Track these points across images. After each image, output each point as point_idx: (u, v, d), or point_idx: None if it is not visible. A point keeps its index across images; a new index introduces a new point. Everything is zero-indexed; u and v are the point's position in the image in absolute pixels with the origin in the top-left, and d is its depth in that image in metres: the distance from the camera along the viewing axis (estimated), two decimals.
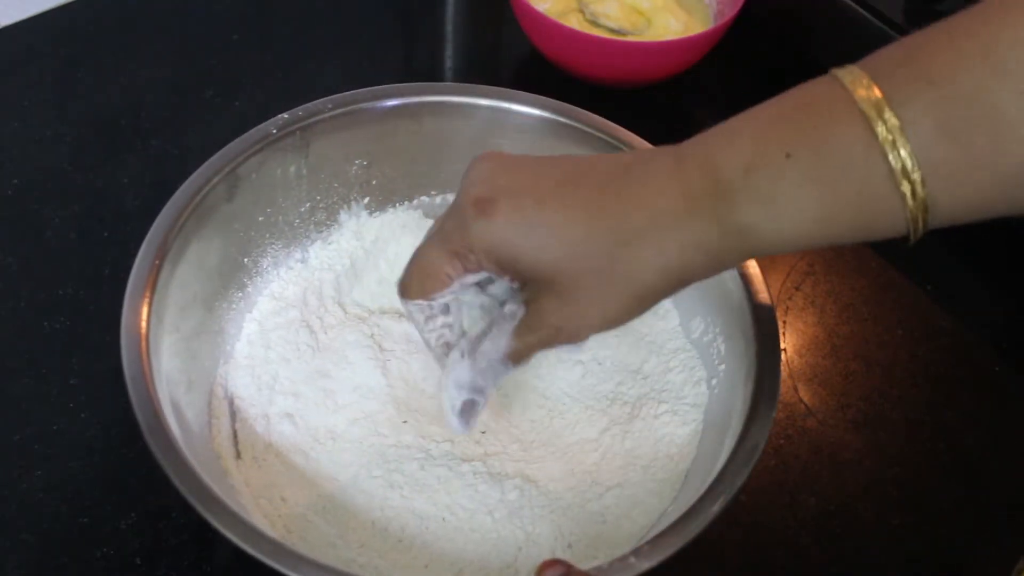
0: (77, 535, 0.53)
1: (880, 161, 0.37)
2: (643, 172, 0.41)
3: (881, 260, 0.70)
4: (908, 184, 0.37)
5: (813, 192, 0.38)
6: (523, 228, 0.41)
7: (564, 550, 0.51)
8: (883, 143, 0.37)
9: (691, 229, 0.40)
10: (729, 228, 0.39)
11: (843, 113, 0.38)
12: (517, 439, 0.55)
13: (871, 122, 0.37)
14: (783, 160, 0.38)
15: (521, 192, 0.41)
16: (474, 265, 0.43)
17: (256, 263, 0.60)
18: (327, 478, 0.52)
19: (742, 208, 0.39)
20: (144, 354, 0.48)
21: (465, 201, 0.42)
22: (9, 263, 0.64)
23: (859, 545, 0.57)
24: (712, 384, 0.56)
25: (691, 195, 0.40)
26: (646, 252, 0.40)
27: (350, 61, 0.79)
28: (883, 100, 0.37)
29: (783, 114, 0.39)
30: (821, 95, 0.39)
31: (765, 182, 0.38)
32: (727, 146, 0.40)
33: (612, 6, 0.79)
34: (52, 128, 0.72)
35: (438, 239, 0.44)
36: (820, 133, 0.38)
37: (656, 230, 0.40)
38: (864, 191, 0.38)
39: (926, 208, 0.37)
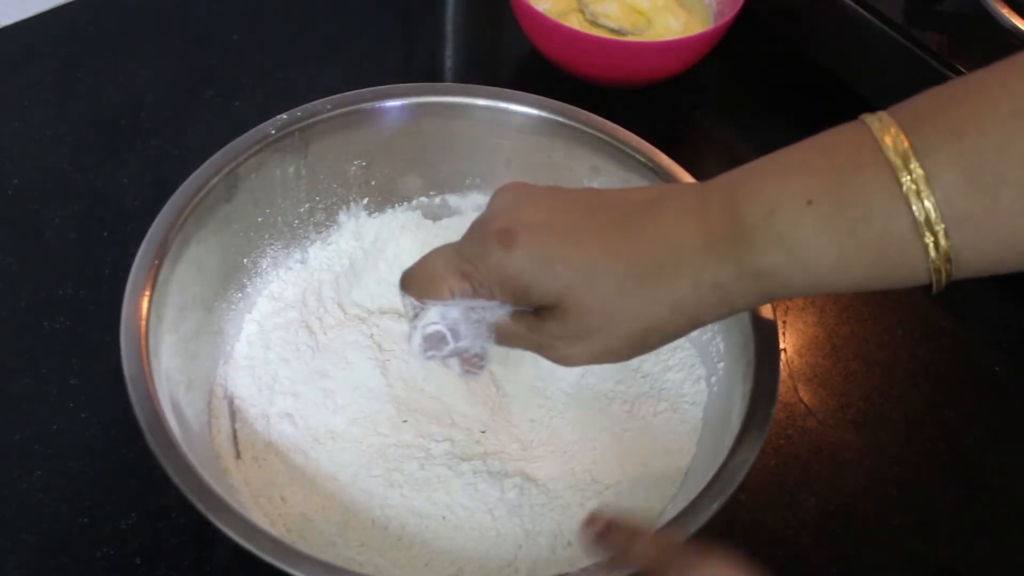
0: (77, 535, 0.53)
1: (904, 211, 0.37)
2: (665, 208, 0.41)
3: None
4: (931, 235, 0.37)
5: (833, 240, 0.38)
6: (539, 262, 0.41)
7: (564, 548, 0.51)
8: (907, 193, 0.36)
9: (708, 268, 0.40)
10: (746, 270, 0.39)
11: (868, 161, 0.37)
12: (517, 438, 0.55)
13: (896, 171, 0.36)
14: (804, 206, 0.38)
15: (541, 227, 0.42)
16: (484, 292, 0.43)
17: (255, 263, 0.60)
18: (327, 477, 0.52)
19: (761, 252, 0.39)
20: (144, 354, 0.48)
21: (487, 230, 0.43)
22: (9, 263, 0.64)
23: (859, 545, 0.57)
24: (711, 382, 0.56)
25: (711, 234, 0.40)
26: (660, 287, 0.40)
27: (350, 61, 0.79)
28: (910, 149, 0.37)
29: (808, 160, 0.39)
30: (847, 141, 0.39)
31: (786, 227, 0.38)
32: (750, 189, 0.40)
33: (612, 6, 0.79)
34: (52, 128, 0.72)
35: (455, 252, 0.44)
36: (843, 179, 0.38)
37: (672, 266, 0.40)
38: (885, 240, 0.37)
39: (949, 260, 0.37)
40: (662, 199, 0.42)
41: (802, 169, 0.39)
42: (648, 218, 0.41)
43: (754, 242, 0.39)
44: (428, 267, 0.45)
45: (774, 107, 0.78)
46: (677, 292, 0.40)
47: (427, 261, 0.45)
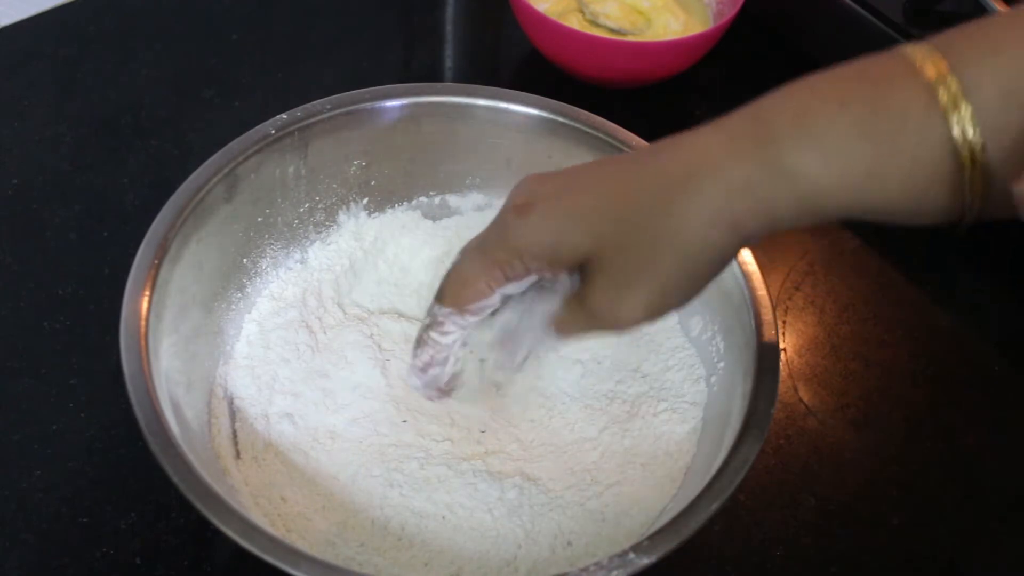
0: (77, 535, 0.53)
1: (939, 123, 0.36)
2: (680, 139, 0.40)
3: (881, 260, 0.70)
4: (968, 148, 0.36)
5: (866, 144, 0.37)
6: (559, 217, 0.40)
7: (564, 548, 0.51)
8: (944, 105, 0.36)
9: (736, 171, 0.38)
10: (776, 170, 0.37)
11: (903, 75, 0.37)
12: (517, 438, 0.55)
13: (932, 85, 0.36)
14: (836, 108, 0.37)
15: (557, 191, 0.41)
16: (519, 270, 0.42)
17: (255, 264, 0.60)
18: (327, 477, 0.52)
19: (790, 151, 0.37)
20: (144, 354, 0.48)
21: (504, 212, 0.42)
22: (9, 263, 0.64)
23: (859, 545, 0.57)
24: (711, 382, 0.56)
25: (734, 141, 0.38)
26: (690, 202, 0.38)
27: (350, 61, 0.79)
28: (946, 66, 0.36)
29: (839, 74, 0.38)
30: (881, 61, 0.38)
31: (816, 127, 0.37)
32: (776, 101, 0.39)
33: (612, 6, 0.79)
34: (52, 128, 0.72)
35: (478, 250, 0.43)
36: (877, 90, 0.37)
37: (697, 178, 0.38)
38: (921, 150, 0.36)
39: (986, 180, 0.36)
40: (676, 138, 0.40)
41: (833, 78, 0.38)
42: (665, 147, 0.40)
43: (783, 142, 0.37)
44: (457, 272, 0.44)
45: None
46: (710, 201, 0.38)
47: (454, 268, 0.44)
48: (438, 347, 0.46)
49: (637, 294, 0.40)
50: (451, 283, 0.44)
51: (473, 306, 0.44)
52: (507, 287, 0.43)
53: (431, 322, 0.46)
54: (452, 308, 0.44)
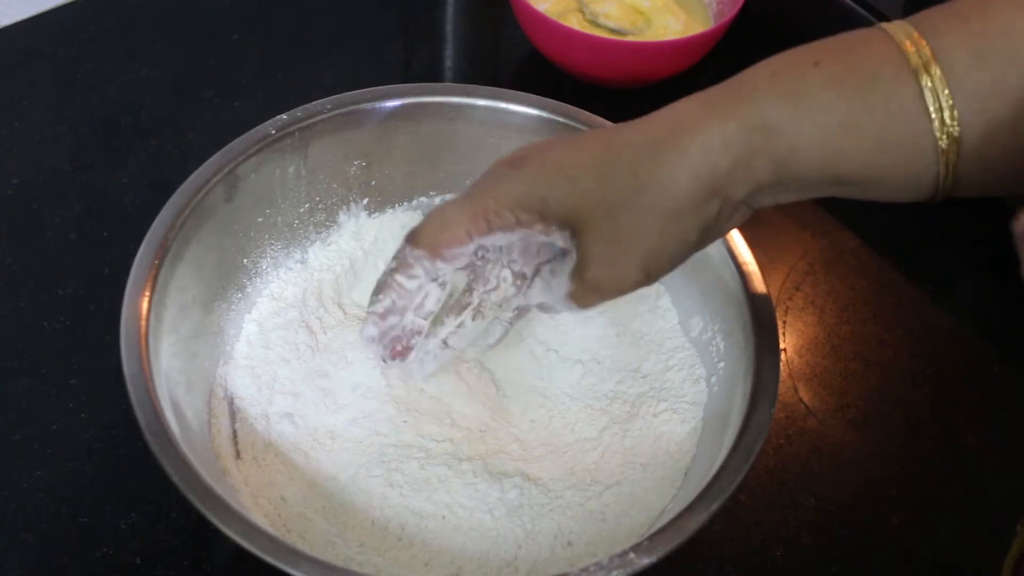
0: (77, 535, 0.53)
1: (911, 81, 0.37)
2: (667, 106, 0.41)
3: (881, 260, 0.70)
4: (938, 110, 0.37)
5: (840, 97, 0.38)
6: (550, 170, 0.41)
7: (564, 548, 0.51)
8: (915, 67, 0.37)
9: (713, 130, 0.39)
10: (753, 126, 0.39)
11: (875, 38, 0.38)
12: (517, 438, 0.55)
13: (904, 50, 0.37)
14: (810, 67, 0.38)
15: (549, 148, 0.43)
16: (508, 221, 0.42)
17: (255, 264, 0.60)
18: (327, 477, 0.52)
19: (765, 107, 0.39)
20: (144, 354, 0.48)
21: (498, 164, 0.43)
22: (9, 263, 0.64)
23: (859, 545, 0.57)
24: (711, 382, 0.56)
25: (711, 101, 0.40)
26: (670, 159, 0.40)
27: (350, 61, 0.79)
28: (916, 34, 0.37)
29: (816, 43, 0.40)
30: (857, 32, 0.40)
31: (790, 83, 0.38)
32: (754, 67, 0.40)
33: (612, 6, 0.79)
34: (52, 128, 0.72)
35: (464, 199, 0.43)
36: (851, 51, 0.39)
37: (675, 136, 0.40)
38: (893, 106, 0.37)
39: (957, 143, 0.37)
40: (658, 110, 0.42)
41: (810, 46, 0.40)
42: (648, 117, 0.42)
43: (759, 101, 0.39)
44: (438, 216, 0.44)
45: None
46: (691, 160, 0.40)
47: (435, 213, 0.44)
48: (401, 292, 0.46)
49: (630, 256, 0.42)
50: (430, 226, 0.44)
51: (448, 251, 0.44)
52: (488, 238, 0.43)
53: (398, 264, 0.45)
54: (425, 251, 0.44)
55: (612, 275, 0.43)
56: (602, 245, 0.42)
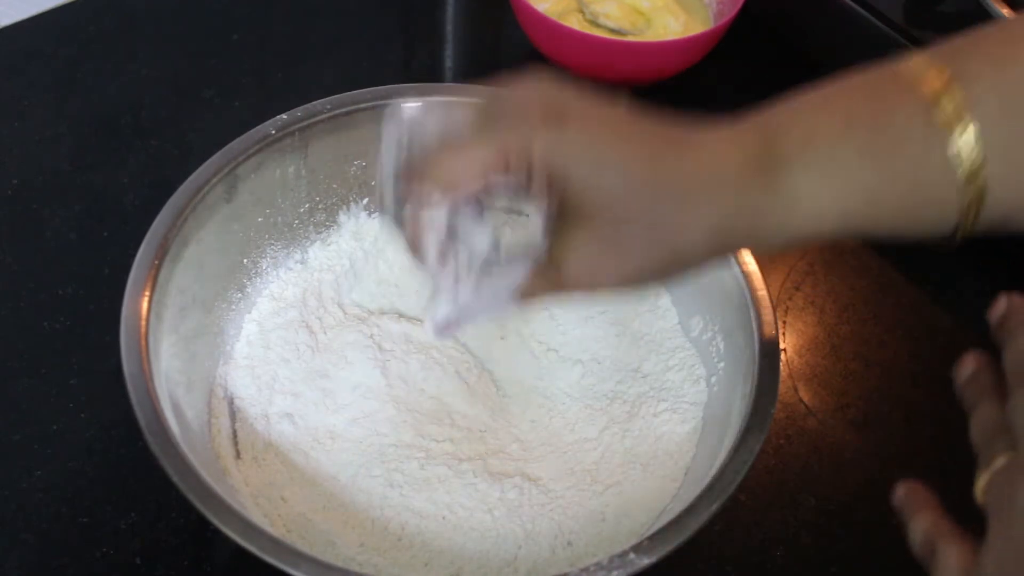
0: (77, 535, 0.53)
1: (939, 139, 0.36)
2: (703, 135, 0.40)
3: (881, 260, 0.70)
4: (966, 163, 0.36)
5: (869, 164, 0.37)
6: (590, 150, 0.38)
7: (564, 548, 0.51)
8: (947, 119, 0.36)
9: (743, 191, 0.39)
10: (780, 193, 0.39)
11: (906, 89, 0.37)
12: (517, 438, 0.55)
13: (933, 100, 0.36)
14: (841, 130, 0.38)
15: (592, 115, 0.39)
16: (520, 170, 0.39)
17: (255, 264, 0.60)
18: (327, 477, 0.52)
19: (798, 173, 0.38)
20: (144, 354, 0.48)
21: (527, 107, 0.39)
22: (9, 263, 0.64)
23: (859, 545, 0.56)
24: (711, 382, 0.56)
25: (748, 158, 0.39)
26: (700, 207, 0.39)
27: (350, 61, 0.79)
28: (948, 79, 0.37)
29: (843, 90, 0.39)
30: (883, 74, 0.39)
31: (823, 153, 0.38)
32: (785, 117, 0.39)
33: (612, 6, 0.79)
34: (52, 128, 0.72)
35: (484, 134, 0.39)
36: (880, 107, 0.38)
37: (713, 187, 0.39)
38: (920, 171, 0.37)
39: (982, 193, 0.37)
40: (696, 127, 0.41)
41: (838, 98, 0.39)
42: (690, 142, 0.40)
43: (791, 166, 0.38)
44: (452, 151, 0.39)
45: None
46: (714, 215, 0.39)
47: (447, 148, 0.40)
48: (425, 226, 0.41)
49: (618, 264, 0.40)
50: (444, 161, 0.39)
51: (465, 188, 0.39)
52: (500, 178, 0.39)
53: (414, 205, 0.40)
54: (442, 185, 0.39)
55: (589, 271, 0.41)
56: (594, 245, 0.40)
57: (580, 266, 0.41)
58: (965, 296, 0.70)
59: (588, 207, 0.39)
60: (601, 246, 0.40)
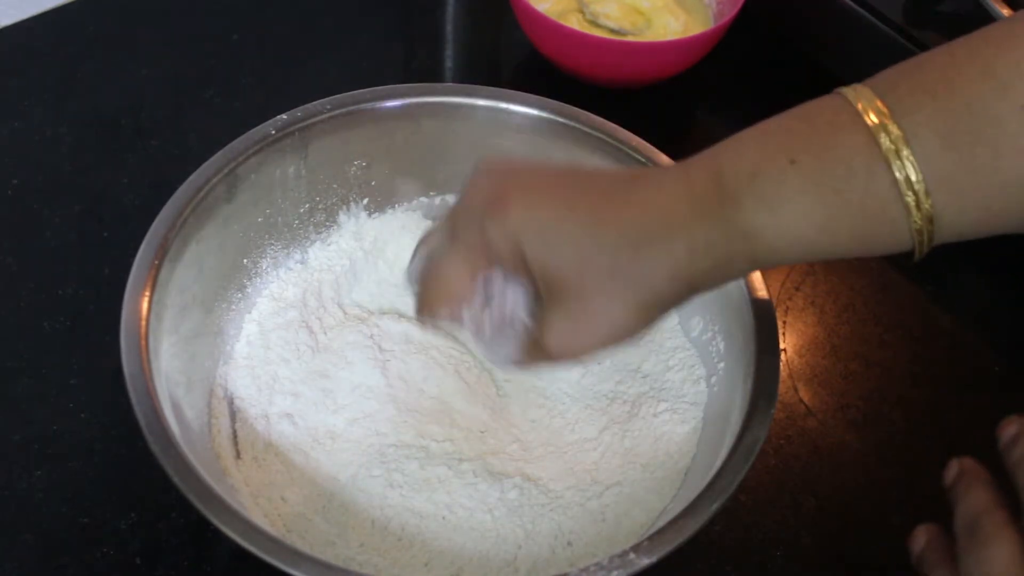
0: (77, 535, 0.53)
1: (884, 171, 0.37)
2: (650, 181, 0.41)
3: (881, 260, 0.70)
4: (912, 195, 0.37)
5: (816, 199, 0.38)
6: (535, 228, 0.41)
7: (564, 548, 0.51)
8: (886, 152, 0.37)
9: (699, 232, 0.40)
10: (735, 232, 0.39)
11: (847, 124, 0.38)
12: (517, 438, 0.55)
13: (874, 132, 0.37)
14: (787, 166, 0.38)
15: (532, 193, 0.41)
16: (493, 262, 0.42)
17: (255, 264, 0.60)
18: (327, 477, 0.52)
19: (747, 212, 0.39)
20: (144, 354, 0.48)
21: (472, 204, 0.42)
22: (9, 263, 0.64)
23: (859, 545, 0.57)
24: (711, 382, 0.56)
25: (697, 200, 0.40)
26: (654, 256, 0.40)
27: (350, 61, 0.79)
28: (886, 112, 0.37)
29: (787, 125, 0.40)
30: (825, 108, 0.39)
31: (770, 187, 0.39)
32: (733, 154, 0.40)
33: (612, 6, 0.79)
34: (52, 128, 0.72)
35: (451, 249, 0.43)
36: (824, 141, 0.38)
37: (664, 234, 0.40)
38: (868, 200, 0.38)
39: (931, 221, 0.38)
40: (644, 175, 0.42)
41: (782, 132, 0.40)
42: (634, 190, 0.41)
43: (740, 203, 0.39)
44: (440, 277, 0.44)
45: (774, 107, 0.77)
46: (671, 259, 0.40)
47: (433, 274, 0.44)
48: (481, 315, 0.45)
49: (592, 332, 0.42)
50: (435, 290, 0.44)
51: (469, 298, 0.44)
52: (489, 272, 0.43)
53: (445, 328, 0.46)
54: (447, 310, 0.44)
55: (568, 344, 0.43)
56: (567, 320, 0.42)
57: (558, 341, 0.42)
58: (965, 296, 0.70)
59: (554, 284, 0.41)
60: (572, 320, 0.42)
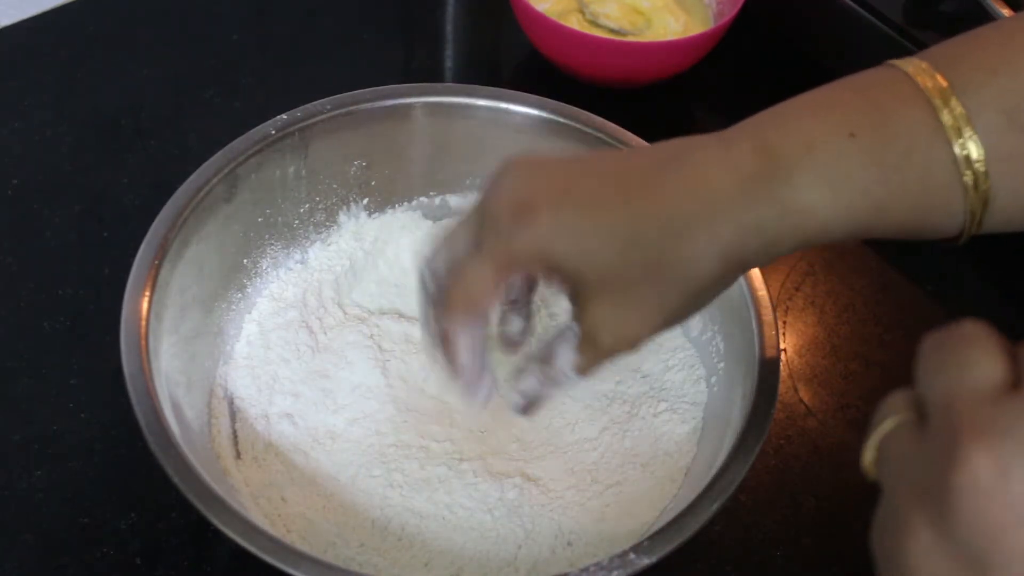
0: (77, 535, 0.53)
1: (944, 148, 0.36)
2: (687, 161, 0.39)
3: (881, 260, 0.70)
4: (971, 174, 0.36)
5: (877, 175, 0.37)
6: (567, 233, 0.38)
7: (564, 548, 0.51)
8: (948, 130, 0.36)
9: (747, 211, 0.38)
10: (787, 210, 0.37)
11: (907, 97, 0.37)
12: (517, 438, 0.55)
13: (936, 109, 0.36)
14: (846, 139, 0.37)
15: (560, 195, 0.39)
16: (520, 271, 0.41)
17: (255, 264, 0.60)
18: (327, 478, 0.52)
19: (802, 189, 0.37)
20: (144, 354, 0.48)
21: (498, 211, 0.40)
22: (9, 263, 0.64)
23: (859, 545, 0.56)
24: (711, 382, 0.56)
25: (745, 176, 0.38)
26: (699, 240, 0.38)
27: (350, 61, 0.79)
28: (948, 88, 0.36)
29: (840, 97, 0.38)
30: (879, 80, 0.38)
31: (828, 161, 0.37)
32: (780, 127, 0.38)
33: (612, 6, 0.79)
34: (52, 128, 0.72)
35: (477, 256, 0.41)
36: (883, 115, 0.37)
37: (708, 216, 0.38)
38: (927, 178, 0.36)
39: (985, 203, 0.37)
40: (676, 155, 0.39)
41: (837, 104, 0.38)
42: (668, 173, 0.39)
43: (793, 179, 0.37)
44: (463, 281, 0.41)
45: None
46: (718, 243, 0.38)
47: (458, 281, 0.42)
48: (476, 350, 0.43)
49: (644, 319, 0.40)
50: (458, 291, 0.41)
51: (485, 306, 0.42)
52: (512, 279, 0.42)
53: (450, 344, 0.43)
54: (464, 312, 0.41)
55: (625, 336, 0.40)
56: (614, 313, 0.40)
57: (610, 335, 0.40)
58: (965, 296, 0.70)
59: (592, 282, 0.39)
60: (621, 311, 0.40)
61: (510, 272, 0.40)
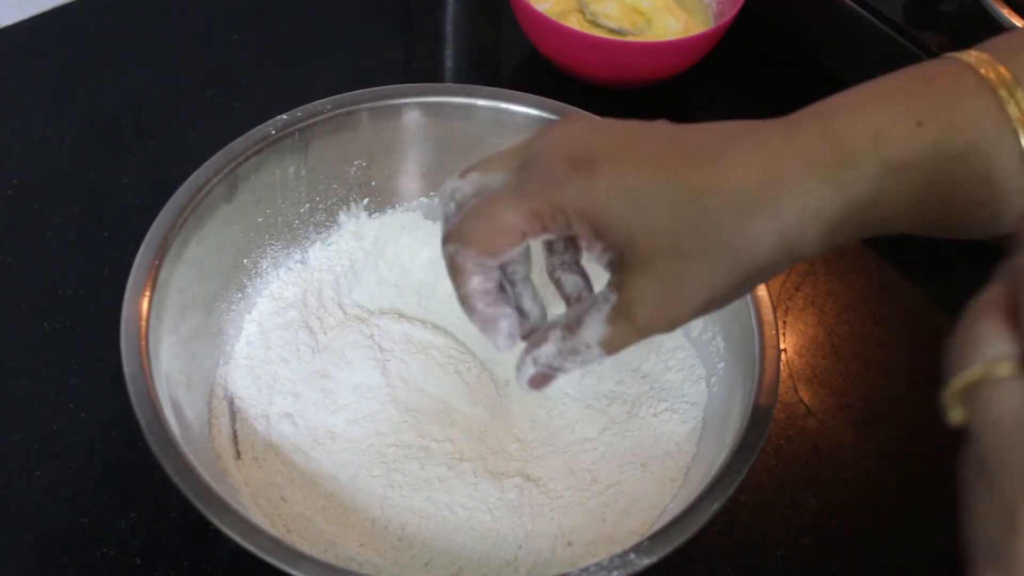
0: (77, 535, 0.53)
1: (1011, 140, 0.36)
2: (752, 139, 0.38)
3: (881, 260, 0.70)
4: None
5: (946, 165, 0.36)
6: (625, 194, 0.37)
7: (564, 548, 0.51)
8: (1016, 122, 0.35)
9: (811, 195, 0.36)
10: (850, 196, 0.37)
11: (972, 88, 0.36)
12: (517, 438, 0.55)
13: (1003, 100, 0.36)
14: (914, 128, 0.36)
15: (621, 154, 0.37)
16: (561, 226, 0.38)
17: (255, 264, 0.60)
18: (327, 478, 0.53)
19: (868, 177, 0.36)
20: (144, 354, 0.48)
21: (554, 158, 0.38)
22: (9, 263, 0.64)
23: (859, 545, 0.56)
24: (711, 382, 0.56)
25: (810, 161, 0.37)
26: (761, 219, 0.36)
27: (350, 61, 0.79)
28: (1013, 80, 0.36)
29: (904, 86, 0.38)
30: (943, 70, 0.37)
31: (896, 150, 0.36)
32: (845, 114, 0.37)
33: (612, 6, 0.79)
34: (52, 128, 0.72)
35: (516, 195, 0.38)
36: (949, 104, 0.36)
37: (771, 195, 0.37)
38: (992, 169, 0.36)
39: None
40: (742, 133, 0.38)
41: (906, 93, 0.37)
42: (735, 150, 0.37)
43: (859, 166, 0.36)
44: (488, 216, 0.38)
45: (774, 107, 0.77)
46: (778, 224, 0.37)
47: (482, 213, 0.39)
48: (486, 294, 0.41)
49: (690, 297, 0.38)
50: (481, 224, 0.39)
51: (502, 252, 0.39)
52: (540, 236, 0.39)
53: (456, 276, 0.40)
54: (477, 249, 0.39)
55: (663, 314, 0.38)
56: (660, 285, 0.38)
57: (652, 309, 0.38)
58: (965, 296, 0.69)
59: (642, 248, 0.37)
60: (667, 284, 0.38)
61: (544, 225, 0.38)
